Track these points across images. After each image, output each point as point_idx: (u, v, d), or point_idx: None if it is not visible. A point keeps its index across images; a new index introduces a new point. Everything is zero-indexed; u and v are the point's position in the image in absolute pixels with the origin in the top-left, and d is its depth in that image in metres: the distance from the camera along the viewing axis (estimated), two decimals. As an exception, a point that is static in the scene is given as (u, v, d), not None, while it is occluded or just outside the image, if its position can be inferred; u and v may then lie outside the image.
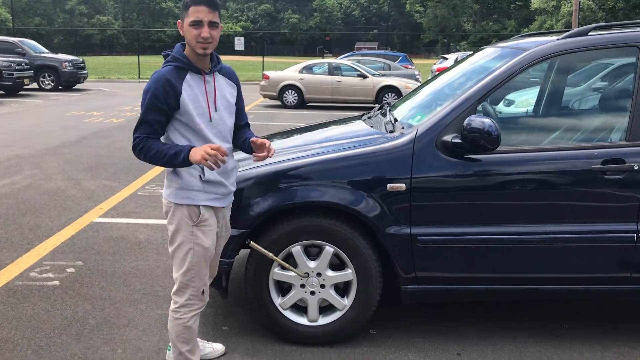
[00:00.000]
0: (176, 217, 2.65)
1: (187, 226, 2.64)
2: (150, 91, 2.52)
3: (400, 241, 3.11)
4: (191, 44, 2.55)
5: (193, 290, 2.71)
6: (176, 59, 2.58)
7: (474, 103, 3.11)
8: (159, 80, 2.52)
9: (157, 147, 2.55)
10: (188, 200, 2.62)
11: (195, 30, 2.52)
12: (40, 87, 19.89)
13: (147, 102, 2.53)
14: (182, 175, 2.61)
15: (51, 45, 48.68)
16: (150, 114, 2.53)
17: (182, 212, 2.64)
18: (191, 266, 2.67)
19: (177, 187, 2.63)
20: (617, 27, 3.41)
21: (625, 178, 3.06)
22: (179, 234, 2.66)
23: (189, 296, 2.71)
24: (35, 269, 4.30)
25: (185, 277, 2.68)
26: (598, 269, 3.17)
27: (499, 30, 72.30)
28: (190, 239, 2.65)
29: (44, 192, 6.51)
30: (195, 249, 2.66)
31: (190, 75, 2.58)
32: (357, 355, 3.20)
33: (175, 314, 2.73)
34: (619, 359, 3.21)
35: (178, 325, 2.72)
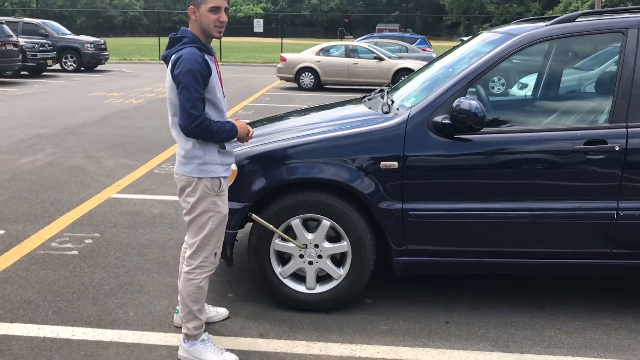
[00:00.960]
0: (199, 190, 2.84)
1: (209, 196, 2.87)
2: (195, 69, 2.66)
3: (393, 216, 3.31)
4: (209, 27, 2.76)
5: (207, 252, 2.94)
6: (195, 41, 2.77)
7: (464, 86, 3.29)
8: (197, 59, 2.68)
9: (216, 125, 2.76)
10: (212, 174, 2.85)
11: (214, 15, 2.74)
12: (63, 68, 20.30)
13: (195, 78, 2.66)
14: (205, 151, 2.82)
15: (74, 26, 49.22)
16: (201, 90, 2.70)
17: (206, 185, 2.85)
18: (210, 231, 2.91)
19: (200, 163, 2.83)
20: (604, 13, 3.54)
21: (606, 158, 3.22)
22: (201, 204, 2.86)
23: (203, 258, 2.94)
24: (56, 240, 4.60)
25: (204, 241, 2.91)
26: (580, 244, 3.34)
27: (523, 13, 71.17)
28: (212, 208, 2.89)
29: (65, 169, 6.82)
30: (216, 216, 2.91)
31: (207, 56, 2.80)
32: (351, 321, 3.43)
33: (189, 275, 2.96)
34: (600, 329, 3.39)
35: (191, 285, 2.96)
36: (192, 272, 2.96)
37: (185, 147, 2.84)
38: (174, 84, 2.73)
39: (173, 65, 2.73)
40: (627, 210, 3.23)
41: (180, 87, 2.69)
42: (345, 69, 16.46)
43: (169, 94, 2.81)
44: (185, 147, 2.84)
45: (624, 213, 3.23)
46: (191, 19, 2.80)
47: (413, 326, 3.39)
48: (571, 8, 60.43)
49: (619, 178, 3.22)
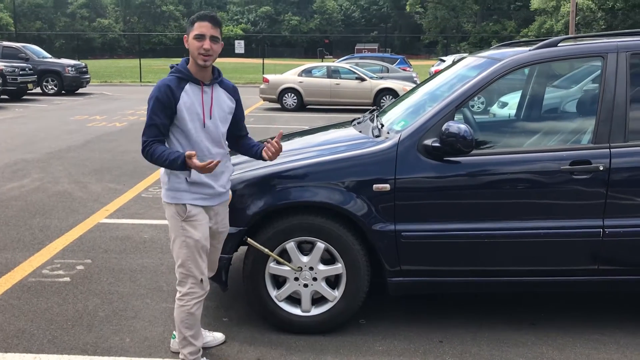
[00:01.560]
0: (168, 214, 3.00)
1: (177, 221, 2.97)
2: (154, 97, 2.84)
3: (386, 237, 3.38)
4: (194, 55, 2.85)
5: (192, 279, 2.99)
6: (179, 71, 2.91)
7: (452, 110, 3.39)
8: (160, 87, 2.85)
9: (160, 151, 2.84)
10: (175, 200, 2.95)
11: (198, 43, 2.82)
12: (44, 91, 20.19)
13: (152, 106, 2.84)
14: (170, 178, 2.95)
15: (53, 49, 49.02)
16: (155, 118, 2.84)
17: (172, 210, 2.97)
18: (186, 257, 2.97)
19: (167, 189, 2.97)
20: (584, 38, 3.68)
21: (591, 178, 3.32)
22: (172, 229, 3.00)
23: (190, 285, 3.00)
24: (47, 267, 4.58)
25: (184, 268, 2.98)
26: (569, 262, 3.43)
27: (499, 31, 72.54)
28: (182, 233, 2.96)
29: (52, 194, 6.79)
30: (187, 241, 2.96)
31: (189, 85, 2.88)
32: (347, 343, 3.47)
33: (179, 301, 3.02)
34: (589, 344, 3.47)
35: (182, 312, 3.01)
36: (182, 299, 3.01)
37: (161, 172, 3.00)
38: None
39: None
40: (613, 228, 3.34)
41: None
42: (328, 90, 16.62)
43: None
44: (161, 172, 3.00)
45: (609, 230, 3.33)
46: (186, 44, 2.91)
47: (408, 346, 3.44)
48: (546, 26, 61.74)
49: (604, 197, 3.33)
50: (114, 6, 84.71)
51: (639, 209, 3.35)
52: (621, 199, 3.34)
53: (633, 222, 3.34)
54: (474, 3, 77.77)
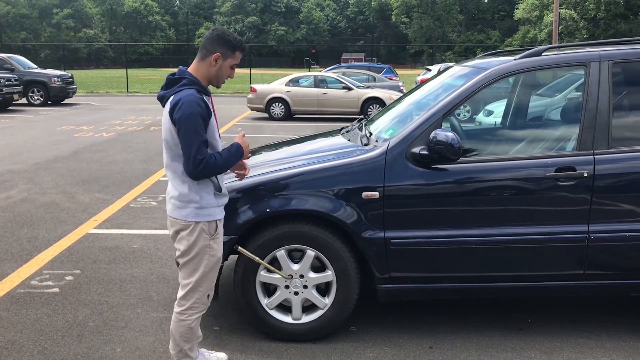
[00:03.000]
0: (195, 233, 2.84)
1: (205, 240, 2.87)
2: (197, 113, 2.68)
3: (375, 244, 3.42)
4: (219, 78, 2.86)
5: (199, 294, 2.95)
6: (195, 83, 2.80)
7: (440, 118, 3.44)
8: (198, 102, 2.70)
9: (219, 156, 2.78)
10: (209, 217, 2.86)
11: (231, 71, 2.88)
12: (30, 102, 20.08)
13: (197, 123, 2.68)
14: (202, 196, 2.83)
15: (38, 59, 48.74)
16: (203, 134, 2.71)
17: (203, 229, 2.85)
18: (203, 274, 2.92)
19: (197, 207, 2.82)
20: (568, 47, 3.76)
21: (576, 184, 3.39)
22: (196, 247, 2.86)
23: (195, 300, 2.95)
24: (36, 278, 4.56)
25: (197, 283, 2.92)
26: (556, 267, 3.49)
27: (484, 40, 73.30)
28: (207, 251, 2.89)
29: (40, 205, 6.76)
30: (210, 259, 2.91)
31: (205, 97, 2.83)
32: (337, 350, 3.49)
33: (180, 315, 2.96)
34: (577, 348, 3.52)
35: (183, 326, 2.96)
36: (184, 313, 2.96)
37: (180, 190, 2.83)
38: (173, 126, 2.74)
39: (172, 108, 2.73)
40: (598, 233, 3.40)
41: (183, 131, 2.69)
42: (315, 99, 16.70)
43: (165, 135, 2.80)
44: (180, 190, 2.83)
45: (594, 236, 3.40)
46: (208, 62, 2.81)
47: (398, 352, 3.47)
48: (529, 36, 62.46)
49: (588, 202, 3.39)
50: (99, 16, 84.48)
51: (623, 214, 3.42)
52: (605, 204, 3.40)
53: (617, 227, 3.41)
54: (458, 13, 78.59)
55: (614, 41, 3.79)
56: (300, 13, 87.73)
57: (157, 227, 5.88)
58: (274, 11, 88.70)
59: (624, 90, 3.56)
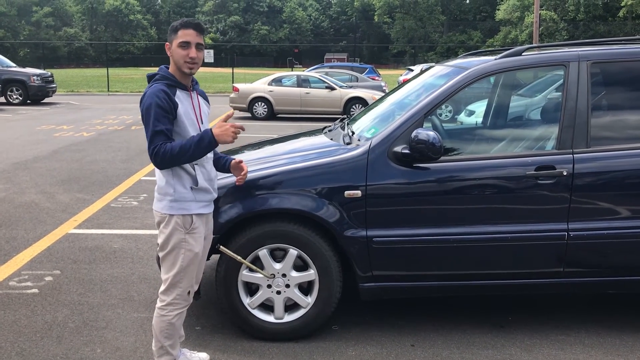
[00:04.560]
0: (170, 226, 2.86)
1: (180, 234, 2.88)
2: (153, 104, 2.71)
3: (358, 243, 3.42)
4: (179, 63, 2.81)
5: (180, 290, 2.95)
6: (165, 78, 2.83)
7: (421, 117, 3.46)
8: (157, 93, 2.72)
9: (179, 144, 2.71)
10: (182, 211, 2.86)
11: (184, 51, 2.79)
12: (8, 101, 19.79)
13: (154, 113, 2.70)
14: (176, 188, 2.84)
15: (17, 58, 48.12)
16: (160, 124, 2.70)
17: (176, 222, 2.87)
18: (181, 269, 2.92)
19: (172, 200, 2.85)
20: (548, 47, 3.80)
21: (556, 183, 3.43)
22: (171, 240, 2.88)
23: (176, 296, 2.95)
24: (14, 279, 4.50)
25: (175, 278, 2.92)
26: (535, 264, 3.52)
27: (465, 41, 73.86)
28: (182, 245, 2.89)
29: (18, 205, 6.67)
30: (186, 254, 2.91)
31: (179, 91, 2.83)
32: (320, 349, 3.49)
33: (161, 311, 2.97)
34: (556, 345, 3.56)
35: (163, 321, 2.97)
36: (165, 309, 2.96)
37: (159, 183, 2.90)
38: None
39: (140, 103, 2.83)
40: (577, 231, 3.44)
41: (144, 121, 2.77)
42: (298, 99, 16.68)
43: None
44: (159, 183, 2.90)
45: (574, 234, 3.44)
46: (169, 55, 2.85)
47: (380, 351, 3.48)
48: (510, 37, 63.08)
49: (567, 201, 3.43)
50: (80, 15, 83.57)
51: (602, 212, 3.47)
52: (584, 202, 3.45)
53: (596, 225, 3.45)
54: (440, 14, 79.10)
55: (593, 41, 3.84)
56: (283, 13, 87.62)
57: (138, 227, 5.84)
58: (257, 10, 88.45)
59: (602, 90, 3.61)
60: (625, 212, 3.47)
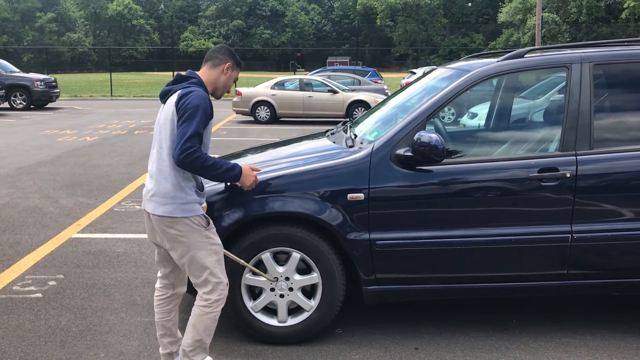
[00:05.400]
0: (186, 229, 2.88)
1: (199, 232, 2.92)
2: (202, 107, 2.80)
3: (361, 246, 3.42)
4: (220, 88, 3.04)
5: (222, 284, 2.99)
6: (203, 85, 2.96)
7: (423, 120, 3.46)
8: (206, 99, 2.86)
9: (212, 159, 2.86)
10: (193, 212, 2.90)
11: (230, 84, 3.11)
12: (12, 106, 19.86)
13: (201, 116, 2.79)
14: (187, 192, 2.89)
15: (20, 63, 48.32)
16: (201, 127, 2.80)
17: (192, 223, 2.89)
18: (214, 264, 2.95)
19: (182, 202, 2.87)
20: (550, 49, 3.79)
21: (559, 185, 3.42)
22: (192, 242, 2.89)
23: (220, 291, 2.98)
24: (18, 283, 4.51)
25: (214, 276, 2.95)
26: (539, 267, 3.51)
27: (468, 44, 73.87)
28: (206, 242, 2.93)
29: (22, 210, 6.68)
30: (214, 248, 2.96)
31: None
32: (323, 352, 3.49)
33: (207, 309, 2.96)
34: (561, 347, 3.55)
35: (209, 319, 2.97)
36: (211, 306, 2.97)
37: (164, 186, 2.88)
38: (176, 115, 2.81)
39: (181, 97, 2.82)
40: (580, 233, 3.43)
41: (185, 117, 2.77)
42: (301, 102, 16.70)
43: (164, 127, 2.87)
44: (164, 186, 2.88)
45: (577, 236, 3.43)
46: (220, 70, 2.98)
47: (384, 354, 3.47)
48: (513, 39, 63.05)
49: (571, 203, 3.42)
50: (83, 20, 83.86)
51: (605, 214, 3.46)
52: (588, 204, 3.44)
53: (599, 227, 3.44)
54: (443, 17, 79.14)
55: (595, 43, 3.83)
56: (285, 17, 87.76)
57: (141, 231, 5.84)
58: (259, 15, 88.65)
59: (605, 92, 3.60)
60: (629, 214, 3.46)
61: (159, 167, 2.89)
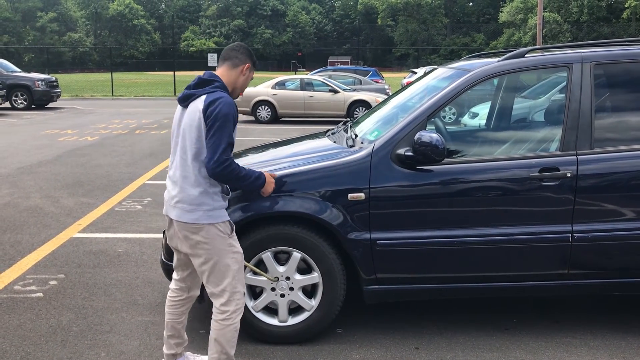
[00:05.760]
0: (211, 236, 2.84)
1: (224, 240, 2.88)
2: (231, 114, 2.77)
3: (361, 246, 3.42)
4: (240, 87, 2.97)
5: (239, 294, 2.93)
6: (226, 89, 2.90)
7: (424, 119, 3.46)
8: (233, 105, 2.82)
9: (244, 169, 2.89)
10: (221, 218, 2.87)
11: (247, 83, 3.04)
12: (13, 106, 19.89)
13: (231, 125, 2.77)
14: (214, 198, 2.86)
15: (21, 63, 48.34)
16: (232, 137, 2.80)
17: (217, 230, 2.86)
18: (235, 273, 2.90)
19: (209, 209, 2.84)
20: (551, 49, 3.79)
21: (560, 184, 3.42)
22: (216, 249, 2.85)
23: (237, 301, 2.92)
24: (19, 283, 4.51)
25: (232, 284, 2.89)
26: (540, 267, 3.51)
27: (469, 43, 73.81)
28: (230, 250, 2.90)
29: (23, 209, 6.69)
30: (236, 257, 2.92)
31: None
32: (324, 352, 3.49)
33: (226, 321, 2.90)
34: (561, 347, 3.54)
35: (230, 330, 2.91)
36: (230, 318, 2.91)
37: (191, 193, 2.82)
38: (204, 122, 2.76)
39: (209, 104, 2.77)
40: (581, 233, 3.43)
41: (216, 127, 2.74)
42: (302, 102, 16.70)
43: (188, 132, 2.81)
44: (191, 193, 2.82)
45: (578, 235, 3.42)
46: (239, 71, 2.93)
47: (385, 354, 3.47)
48: (514, 39, 63.01)
49: (572, 202, 3.42)
50: (84, 20, 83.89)
51: (606, 214, 3.46)
52: (588, 204, 3.44)
53: (600, 227, 3.44)
54: (444, 16, 79.09)
55: (596, 43, 3.83)
56: (286, 16, 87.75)
57: (142, 231, 5.85)
58: (260, 14, 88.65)
59: (605, 92, 3.60)
60: (629, 214, 3.46)
61: (183, 173, 2.83)
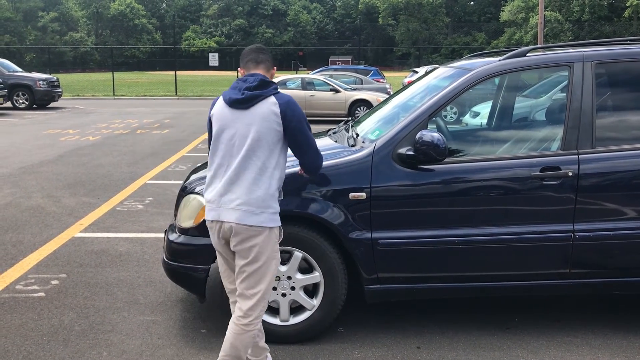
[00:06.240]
0: (268, 239, 2.83)
1: (274, 245, 2.89)
2: (305, 115, 2.95)
3: (363, 245, 3.42)
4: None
5: (266, 302, 2.92)
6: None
7: (425, 119, 3.46)
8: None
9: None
10: (279, 222, 2.89)
11: None
12: (15, 106, 19.90)
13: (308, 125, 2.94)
14: (276, 201, 2.87)
15: (23, 63, 48.36)
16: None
17: (274, 234, 2.87)
18: (271, 280, 2.89)
19: (273, 212, 2.84)
20: (552, 48, 3.79)
21: (561, 183, 3.42)
22: (266, 253, 2.83)
23: (263, 307, 2.91)
24: (21, 282, 4.52)
25: (266, 289, 2.87)
26: (541, 266, 3.51)
27: (470, 42, 73.78)
28: (275, 256, 2.90)
29: (25, 209, 6.70)
30: (277, 264, 2.93)
31: None
32: (325, 351, 3.49)
33: (249, 326, 2.87)
34: (563, 346, 3.54)
35: (249, 336, 2.88)
36: (252, 323, 2.88)
37: (259, 195, 2.80)
38: (281, 122, 2.81)
39: (285, 104, 2.84)
40: (583, 232, 3.43)
41: (301, 126, 2.88)
42: (303, 101, 16.68)
43: (263, 134, 2.79)
44: (259, 195, 2.80)
45: (579, 234, 3.42)
46: (271, 74, 3.01)
47: (386, 353, 3.47)
48: (515, 38, 62.96)
49: (573, 202, 3.42)
50: (85, 20, 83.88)
51: (607, 213, 3.46)
52: (590, 203, 3.44)
53: (602, 226, 3.44)
54: (445, 15, 79.04)
55: (598, 42, 3.83)
56: (287, 16, 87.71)
57: (143, 231, 5.85)
58: (261, 14, 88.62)
59: (607, 91, 3.60)
60: (631, 213, 3.46)
61: (253, 175, 2.79)
